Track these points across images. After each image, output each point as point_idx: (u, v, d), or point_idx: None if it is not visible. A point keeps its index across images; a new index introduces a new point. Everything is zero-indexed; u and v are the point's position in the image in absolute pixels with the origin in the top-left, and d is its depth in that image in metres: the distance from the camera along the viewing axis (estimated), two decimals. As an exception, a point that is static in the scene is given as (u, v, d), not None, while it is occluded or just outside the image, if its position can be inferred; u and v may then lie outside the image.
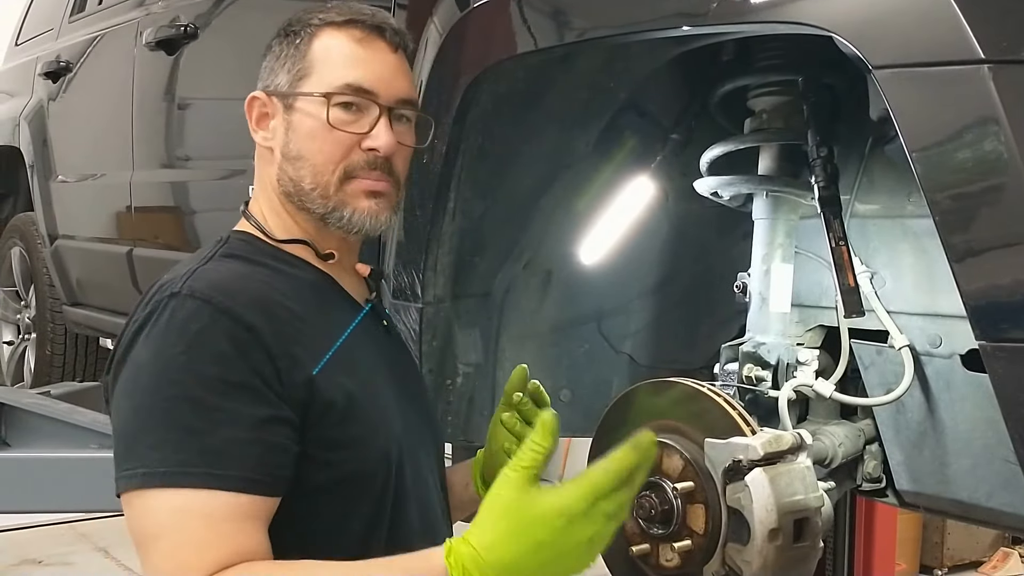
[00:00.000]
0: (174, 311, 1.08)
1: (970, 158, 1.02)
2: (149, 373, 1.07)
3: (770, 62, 1.53)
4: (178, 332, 1.07)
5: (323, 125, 1.20)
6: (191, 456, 1.03)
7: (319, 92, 1.21)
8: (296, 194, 1.22)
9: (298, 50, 1.24)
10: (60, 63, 3.45)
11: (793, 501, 1.27)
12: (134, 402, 1.07)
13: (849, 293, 1.41)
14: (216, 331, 1.07)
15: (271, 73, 1.26)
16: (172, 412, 1.05)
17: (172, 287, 1.11)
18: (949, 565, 4.81)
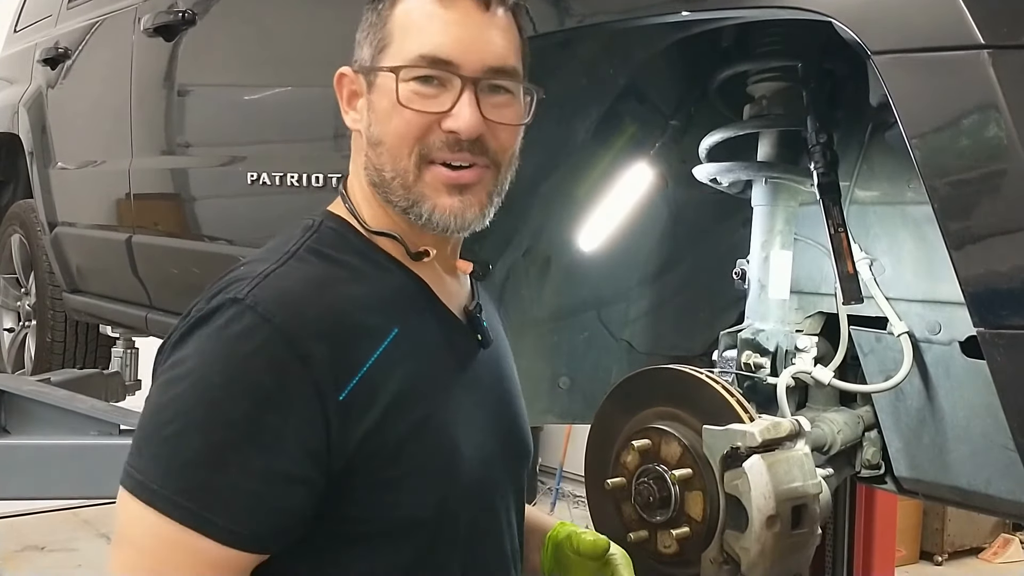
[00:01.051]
0: (231, 321, 0.97)
1: (969, 144, 1.01)
2: (186, 382, 0.97)
3: (769, 48, 1.52)
4: (226, 351, 0.96)
5: (395, 104, 1.04)
6: (191, 490, 0.94)
7: (390, 66, 1.05)
8: (380, 184, 1.07)
9: (380, 18, 1.08)
10: (59, 50, 3.44)
11: (791, 488, 1.28)
12: (161, 404, 0.98)
13: (848, 280, 1.40)
14: (264, 361, 0.96)
15: (358, 46, 1.10)
16: (192, 435, 0.95)
17: (239, 290, 0.99)
18: (949, 551, 4.83)
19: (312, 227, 1.09)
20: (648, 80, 1.70)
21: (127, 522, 0.97)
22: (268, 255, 1.05)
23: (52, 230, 3.50)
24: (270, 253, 1.06)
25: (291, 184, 2.18)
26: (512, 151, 1.10)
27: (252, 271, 1.02)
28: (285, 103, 2.34)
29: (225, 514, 0.94)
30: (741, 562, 1.29)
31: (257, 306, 0.97)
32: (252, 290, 0.98)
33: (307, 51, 2.29)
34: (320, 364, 0.97)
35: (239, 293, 0.98)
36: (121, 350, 3.69)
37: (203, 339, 0.98)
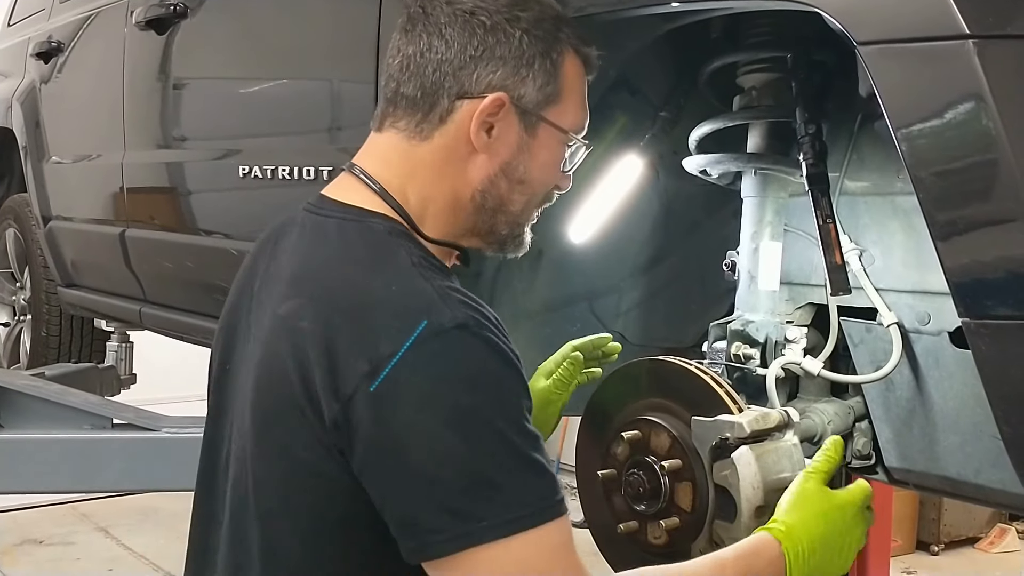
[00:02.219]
0: (467, 345, 0.99)
1: (955, 135, 1.01)
2: (485, 416, 0.98)
3: (759, 39, 1.52)
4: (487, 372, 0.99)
5: (556, 163, 1.18)
6: (551, 485, 1.00)
7: (571, 130, 1.17)
8: (493, 210, 1.15)
9: (553, 65, 1.14)
10: (52, 44, 3.43)
11: (780, 478, 1.28)
12: (469, 448, 0.97)
13: (836, 271, 1.40)
14: (511, 369, 1.01)
15: (515, 75, 1.12)
16: (518, 452, 0.99)
17: (447, 319, 0.99)
18: (946, 541, 4.83)
19: (394, 233, 1.11)
20: (638, 71, 1.70)
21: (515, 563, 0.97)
22: (387, 264, 1.06)
23: (46, 224, 3.50)
24: (390, 264, 1.06)
25: (283, 177, 2.18)
26: None
27: (414, 288, 1.03)
28: (277, 96, 2.34)
29: (557, 484, 1.01)
30: None
31: (484, 331, 1.01)
32: (461, 314, 1.00)
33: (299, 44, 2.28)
34: (518, 359, 1.04)
35: (456, 319, 0.99)
36: (116, 344, 3.70)
37: (454, 367, 0.99)
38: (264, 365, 1.10)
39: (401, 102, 1.14)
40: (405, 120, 1.14)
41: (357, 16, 1.99)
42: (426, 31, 1.13)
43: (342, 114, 2.17)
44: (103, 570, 4.50)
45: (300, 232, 1.16)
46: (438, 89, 1.12)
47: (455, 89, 1.12)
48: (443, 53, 1.11)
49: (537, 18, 1.13)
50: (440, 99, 1.12)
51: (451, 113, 1.12)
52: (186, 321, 2.74)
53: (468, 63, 1.11)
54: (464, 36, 1.11)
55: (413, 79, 1.13)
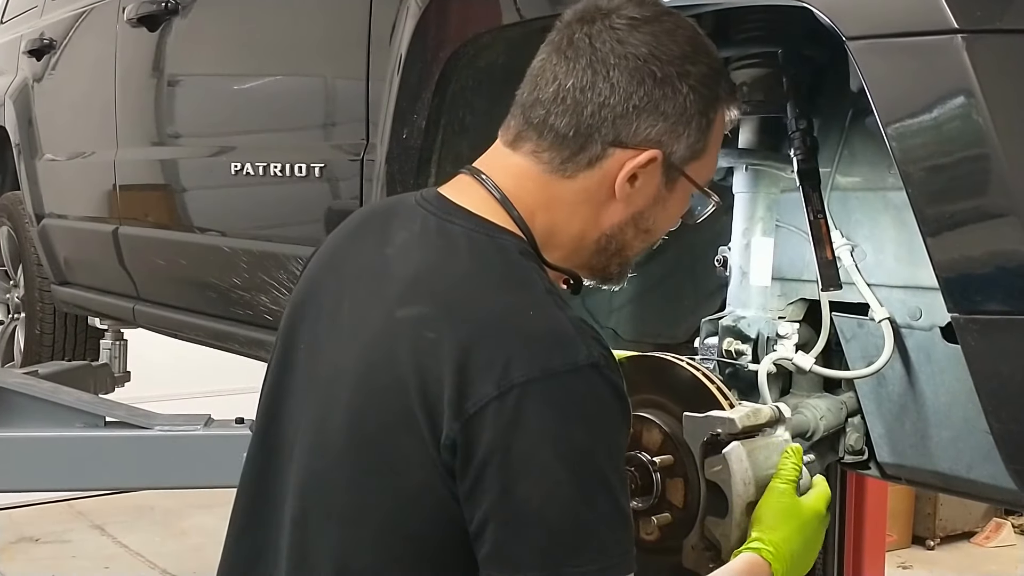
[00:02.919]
0: (596, 387, 0.99)
1: (944, 130, 1.01)
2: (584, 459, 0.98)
3: (749, 35, 1.51)
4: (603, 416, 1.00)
5: (681, 213, 1.17)
6: (628, 541, 1.01)
7: (705, 182, 1.15)
8: (615, 253, 1.15)
9: (708, 123, 1.11)
10: (44, 41, 3.43)
11: (771, 474, 1.28)
12: (564, 489, 0.97)
13: (827, 267, 1.40)
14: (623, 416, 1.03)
15: (672, 132, 1.09)
16: (612, 500, 0.99)
17: (583, 356, 0.99)
18: (941, 536, 4.84)
19: (524, 253, 1.09)
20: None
21: None
22: (523, 288, 1.05)
23: (40, 222, 3.49)
24: (526, 289, 1.05)
25: (275, 174, 2.18)
26: None
27: (553, 319, 1.01)
28: (269, 93, 2.34)
29: (632, 533, 1.03)
30: (722, 549, 1.29)
31: (612, 373, 1.01)
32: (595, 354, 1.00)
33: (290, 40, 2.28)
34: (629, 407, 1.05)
35: (592, 359, 0.99)
36: (110, 342, 3.69)
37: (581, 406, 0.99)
38: (372, 367, 1.06)
39: (549, 134, 1.10)
40: (550, 153, 1.10)
41: (348, 12, 1.99)
42: (591, 68, 1.08)
43: (334, 111, 2.17)
44: (99, 568, 4.49)
45: (422, 232, 1.12)
46: (593, 132, 1.08)
47: (611, 136, 1.08)
48: (606, 97, 1.07)
49: (705, 74, 1.09)
50: (593, 143, 1.08)
51: (601, 159, 1.09)
52: (180, 318, 2.74)
53: (630, 112, 1.07)
54: (632, 84, 1.07)
55: (568, 115, 1.08)
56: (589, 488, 0.98)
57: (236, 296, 2.40)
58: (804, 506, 1.23)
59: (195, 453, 2.23)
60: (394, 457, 1.03)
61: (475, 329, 1.00)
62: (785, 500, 1.23)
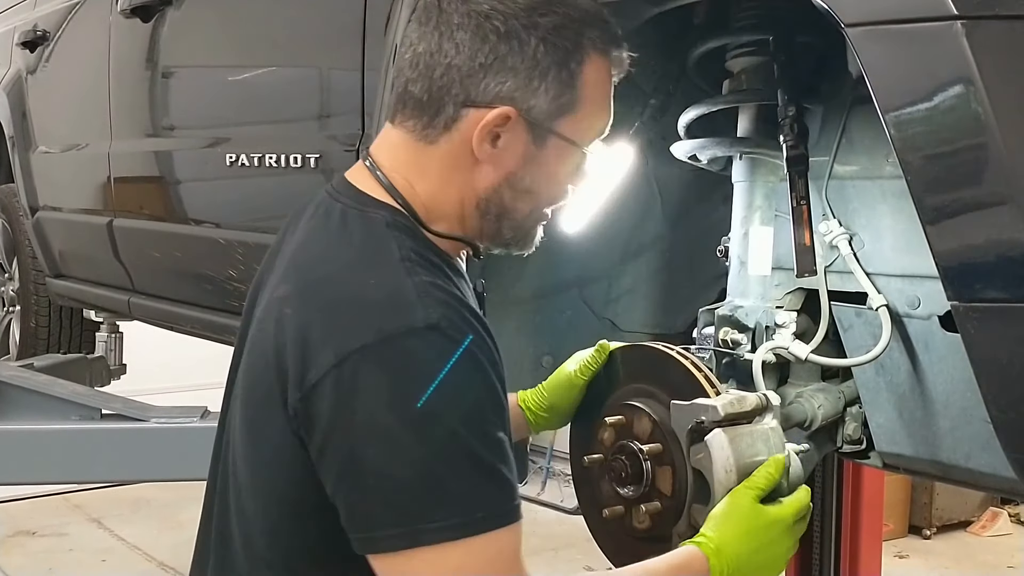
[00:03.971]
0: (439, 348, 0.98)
1: (943, 118, 1.01)
2: (435, 422, 0.97)
3: (745, 22, 1.50)
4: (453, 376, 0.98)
5: (568, 172, 1.14)
6: (506, 490, 1.00)
7: (588, 138, 1.12)
8: (497, 216, 1.13)
9: (570, 75, 1.08)
10: (37, 32, 3.41)
11: (755, 462, 1.27)
12: (431, 450, 0.97)
13: (804, 252, 1.41)
14: (481, 374, 1.00)
15: (526, 86, 1.07)
16: (466, 456, 0.98)
17: (419, 318, 0.98)
18: (938, 525, 4.85)
19: (391, 225, 1.09)
20: (626, 56, 1.68)
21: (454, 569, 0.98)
22: (375, 259, 1.05)
23: (34, 215, 3.48)
24: (378, 259, 1.05)
25: (270, 165, 2.17)
26: None
27: (394, 286, 1.02)
28: (264, 84, 2.33)
29: (515, 494, 1.02)
30: None
31: (454, 332, 0.99)
32: (435, 315, 0.99)
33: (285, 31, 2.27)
34: (499, 362, 1.04)
35: (428, 320, 0.98)
36: (105, 334, 3.69)
37: (419, 367, 0.98)
38: (253, 346, 1.11)
39: (410, 102, 1.10)
40: (412, 121, 1.10)
41: (343, 2, 1.97)
42: (438, 30, 1.07)
43: (329, 101, 2.16)
44: (96, 561, 4.49)
45: (313, 213, 1.15)
46: (444, 95, 1.07)
47: (461, 97, 1.07)
48: (452, 57, 1.06)
49: (559, 24, 1.07)
50: (446, 105, 1.08)
51: (456, 121, 1.08)
52: (175, 311, 2.73)
53: (477, 71, 1.06)
54: (476, 41, 1.06)
55: (421, 80, 1.08)
56: (437, 446, 0.97)
57: (231, 288, 2.40)
58: (764, 512, 1.21)
59: (192, 445, 2.22)
60: (267, 431, 1.06)
61: (319, 303, 1.03)
62: (743, 503, 1.21)
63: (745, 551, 1.17)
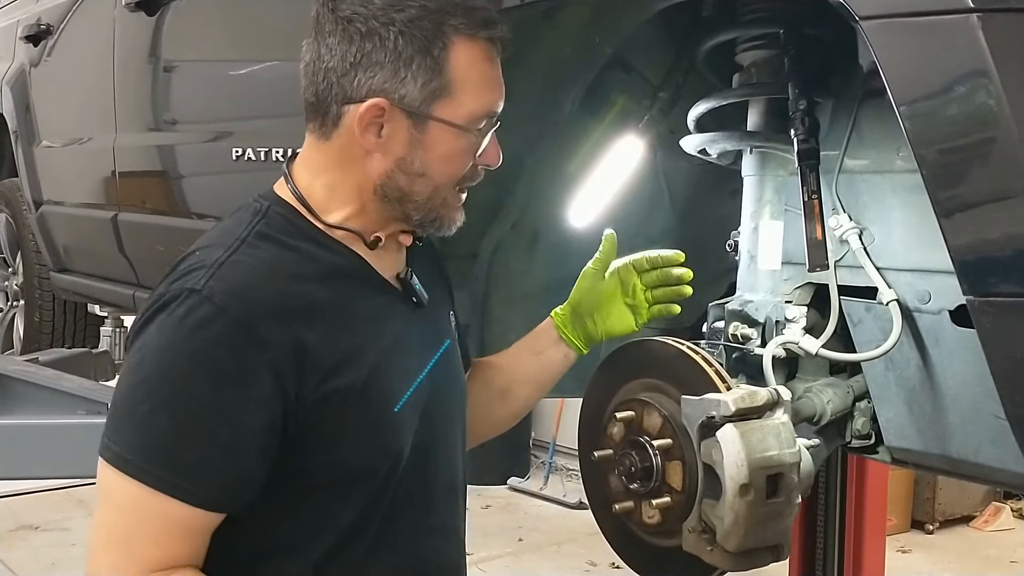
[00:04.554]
0: (191, 310, 1.10)
1: (959, 111, 1.00)
2: (153, 365, 1.11)
3: (756, 15, 1.50)
4: (187, 336, 1.10)
5: (461, 153, 1.21)
6: (164, 460, 1.10)
7: (463, 123, 1.19)
8: (400, 201, 1.22)
9: (435, 62, 1.16)
10: (41, 26, 3.40)
11: (765, 457, 1.27)
12: (133, 384, 1.12)
13: (816, 246, 1.41)
14: (224, 348, 1.10)
15: (393, 77, 1.16)
16: (161, 412, 1.10)
17: (196, 280, 1.12)
18: (941, 520, 4.85)
19: (260, 211, 1.21)
20: (635, 50, 1.68)
21: (106, 488, 1.12)
22: (222, 239, 1.18)
23: (38, 209, 3.48)
24: (224, 237, 1.18)
25: (276, 159, 2.16)
26: None
27: (208, 258, 1.14)
28: (270, 77, 2.32)
29: (193, 480, 1.10)
30: (717, 531, 1.29)
31: (214, 297, 1.10)
32: (208, 281, 1.11)
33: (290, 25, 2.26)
34: (274, 346, 1.11)
35: (197, 284, 1.11)
36: (109, 329, 3.69)
37: (167, 326, 1.11)
38: None
39: (307, 107, 1.23)
40: (312, 123, 1.23)
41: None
42: (317, 40, 1.19)
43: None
44: (99, 555, 4.49)
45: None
46: (327, 96, 1.19)
47: (340, 96, 1.18)
48: (327, 61, 1.18)
49: (414, 16, 1.16)
50: (330, 105, 1.19)
51: (340, 118, 1.19)
52: (180, 305, 2.72)
53: (349, 70, 1.17)
54: (344, 44, 1.17)
55: (310, 86, 1.21)
56: (131, 380, 1.12)
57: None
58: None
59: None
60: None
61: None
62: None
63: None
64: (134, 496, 1.10)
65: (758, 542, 1.30)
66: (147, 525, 1.10)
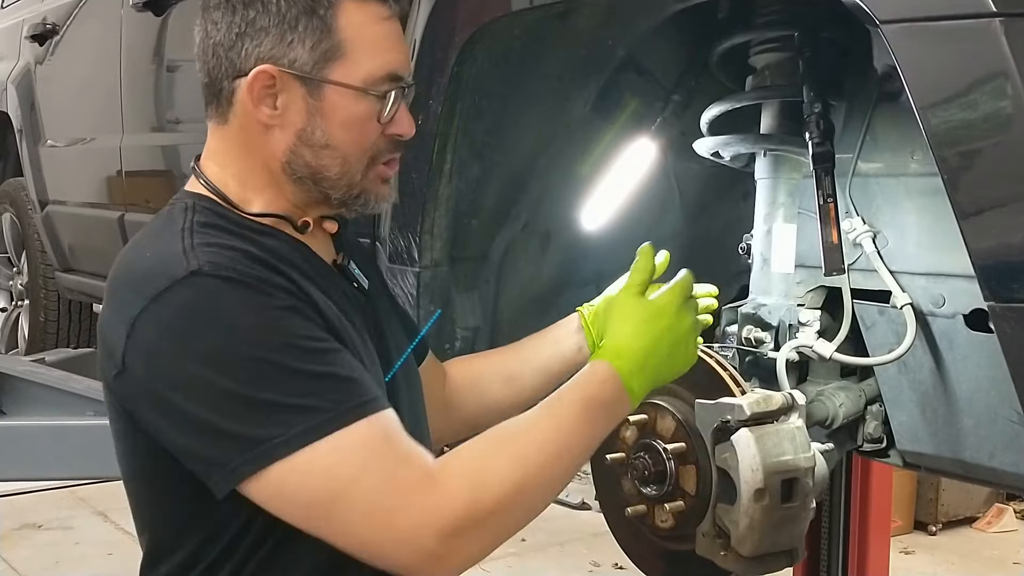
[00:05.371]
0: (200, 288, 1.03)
1: (980, 114, 1.00)
2: (214, 354, 1.02)
3: (770, 18, 1.50)
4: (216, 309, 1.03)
5: (363, 118, 1.14)
6: (338, 394, 1.03)
7: (361, 85, 1.13)
8: (312, 178, 1.16)
9: (322, 21, 1.11)
10: (46, 25, 3.40)
11: (781, 461, 1.27)
12: (215, 395, 1.01)
13: (832, 250, 1.40)
14: (253, 300, 1.04)
15: (280, 42, 1.11)
16: (276, 370, 1.02)
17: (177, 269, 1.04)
18: (944, 521, 4.84)
19: (188, 208, 1.14)
20: (648, 52, 1.68)
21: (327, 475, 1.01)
22: (161, 234, 1.11)
23: (43, 208, 3.48)
24: (164, 233, 1.11)
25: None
26: None
27: (168, 251, 1.07)
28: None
29: (358, 392, 1.04)
30: (731, 536, 1.29)
31: (218, 271, 1.04)
32: (194, 263, 1.04)
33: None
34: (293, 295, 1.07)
35: (182, 270, 1.04)
36: (115, 329, 3.68)
37: (188, 317, 1.03)
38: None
39: (203, 91, 1.18)
40: (209, 108, 1.18)
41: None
42: (203, 19, 1.16)
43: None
44: (102, 555, 4.48)
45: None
46: (218, 73, 1.14)
47: (231, 70, 1.13)
48: (215, 37, 1.14)
49: None
50: (221, 83, 1.14)
51: (233, 94, 1.14)
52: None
53: (236, 41, 1.12)
54: (228, 15, 1.13)
55: (203, 68, 1.16)
56: (241, 373, 1.01)
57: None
58: (647, 303, 1.22)
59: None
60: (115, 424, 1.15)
61: (111, 287, 1.12)
62: (622, 300, 1.24)
63: (644, 344, 1.18)
64: (354, 444, 1.01)
65: (772, 547, 1.30)
66: (384, 453, 1.02)
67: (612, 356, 1.17)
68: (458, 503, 1.01)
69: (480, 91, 1.62)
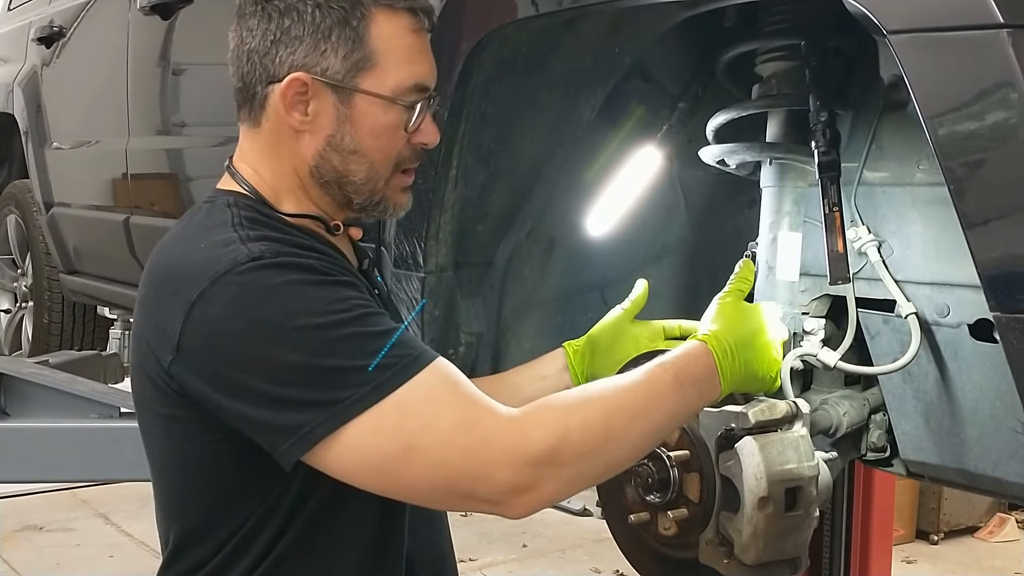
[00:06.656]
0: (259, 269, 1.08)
1: (987, 125, 1.00)
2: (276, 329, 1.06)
3: (777, 26, 1.50)
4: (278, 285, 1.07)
5: (391, 127, 1.19)
6: (397, 348, 1.07)
7: (390, 95, 1.18)
8: (338, 183, 1.21)
9: (354, 32, 1.16)
10: (53, 28, 3.41)
11: (785, 470, 1.27)
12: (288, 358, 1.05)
13: (837, 259, 1.41)
14: (312, 279, 1.09)
15: (314, 51, 1.16)
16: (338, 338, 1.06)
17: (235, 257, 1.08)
18: (946, 530, 4.84)
19: (229, 204, 1.19)
20: (655, 60, 1.68)
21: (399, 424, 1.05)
22: (210, 227, 1.15)
23: (48, 210, 3.48)
24: (213, 226, 1.15)
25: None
26: None
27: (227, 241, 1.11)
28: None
29: (415, 342, 1.10)
30: (735, 544, 1.29)
31: (279, 256, 1.09)
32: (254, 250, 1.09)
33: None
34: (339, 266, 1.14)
35: (252, 254, 1.08)
36: (119, 331, 3.69)
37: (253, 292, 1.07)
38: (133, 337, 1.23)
39: (236, 95, 1.23)
40: (242, 112, 1.23)
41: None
42: (239, 25, 1.20)
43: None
44: (103, 556, 4.49)
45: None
46: (252, 78, 1.19)
47: (264, 76, 1.18)
48: (250, 43, 1.18)
49: None
50: (255, 88, 1.19)
51: (266, 99, 1.18)
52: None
53: (270, 49, 1.17)
54: (263, 23, 1.17)
55: (236, 73, 1.21)
56: (306, 344, 1.05)
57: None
58: (746, 305, 1.33)
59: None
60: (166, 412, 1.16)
61: (159, 279, 1.15)
62: (725, 301, 1.33)
63: (740, 336, 1.26)
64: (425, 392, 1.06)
65: (776, 555, 1.30)
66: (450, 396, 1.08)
67: (710, 338, 1.24)
68: (539, 438, 1.05)
69: (486, 98, 1.63)
